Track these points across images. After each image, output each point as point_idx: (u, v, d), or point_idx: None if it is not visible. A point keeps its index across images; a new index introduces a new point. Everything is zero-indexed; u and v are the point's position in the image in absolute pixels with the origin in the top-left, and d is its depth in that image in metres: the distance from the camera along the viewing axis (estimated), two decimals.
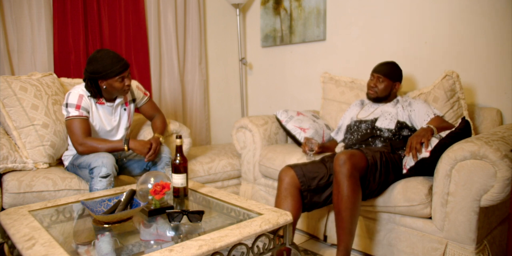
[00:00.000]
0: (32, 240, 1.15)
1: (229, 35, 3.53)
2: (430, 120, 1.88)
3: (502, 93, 2.11)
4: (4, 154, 1.90)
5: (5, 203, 1.81)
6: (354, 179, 1.62)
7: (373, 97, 2.11)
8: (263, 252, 1.30)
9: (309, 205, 1.83)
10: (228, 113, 3.61)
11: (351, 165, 1.62)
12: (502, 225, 1.78)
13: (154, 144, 2.01)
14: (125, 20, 2.84)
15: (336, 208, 1.65)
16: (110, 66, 1.89)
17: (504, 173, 1.39)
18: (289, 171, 1.83)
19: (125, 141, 1.95)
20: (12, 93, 2.04)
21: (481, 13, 2.13)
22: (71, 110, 1.94)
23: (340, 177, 1.62)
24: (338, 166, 1.63)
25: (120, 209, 1.39)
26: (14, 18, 2.39)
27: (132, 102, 2.20)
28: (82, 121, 1.94)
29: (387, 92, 2.08)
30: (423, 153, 1.63)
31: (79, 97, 1.95)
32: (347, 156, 1.64)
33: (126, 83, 1.96)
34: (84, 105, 1.96)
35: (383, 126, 1.97)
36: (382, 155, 1.75)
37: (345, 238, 1.62)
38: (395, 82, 2.07)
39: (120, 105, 2.11)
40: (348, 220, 1.61)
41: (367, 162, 1.70)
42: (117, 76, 1.91)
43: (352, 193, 1.60)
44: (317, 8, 2.89)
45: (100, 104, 2.03)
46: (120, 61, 1.92)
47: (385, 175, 1.72)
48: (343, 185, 1.61)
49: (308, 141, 2.13)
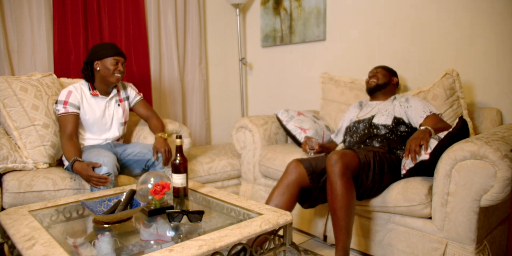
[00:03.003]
0: (32, 240, 1.15)
1: (229, 35, 3.53)
2: (426, 117, 1.88)
3: (502, 93, 2.11)
4: (4, 154, 1.90)
5: (5, 203, 1.81)
6: (346, 178, 1.63)
7: (374, 84, 2.14)
8: (263, 252, 1.30)
9: (315, 201, 1.83)
10: (228, 113, 3.61)
11: (342, 164, 1.62)
12: (502, 225, 1.78)
13: (166, 149, 2.07)
14: (125, 20, 2.84)
15: (331, 208, 1.65)
16: (109, 48, 2.06)
17: (504, 173, 1.39)
18: (298, 167, 1.81)
19: (73, 160, 1.85)
20: (13, 93, 2.04)
21: (481, 13, 2.13)
22: (60, 108, 2.03)
23: (332, 177, 1.63)
24: (330, 165, 1.64)
25: (120, 209, 1.39)
26: (14, 18, 2.39)
27: (126, 99, 2.26)
28: (67, 118, 2.01)
29: (386, 80, 2.14)
30: (423, 155, 1.62)
31: (67, 93, 2.04)
32: (338, 155, 1.65)
33: (119, 68, 2.05)
34: (72, 100, 2.03)
35: (380, 122, 1.97)
36: (376, 154, 1.76)
37: (342, 237, 1.62)
38: (392, 76, 2.17)
39: (115, 101, 2.18)
40: (343, 219, 1.62)
41: (359, 161, 1.70)
42: (111, 56, 2.03)
43: (345, 192, 1.61)
44: (317, 8, 2.89)
45: (94, 95, 2.10)
46: (118, 49, 2.09)
47: (379, 175, 1.72)
48: (336, 184, 1.62)
49: (309, 140, 2.13)
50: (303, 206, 1.89)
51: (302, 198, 1.88)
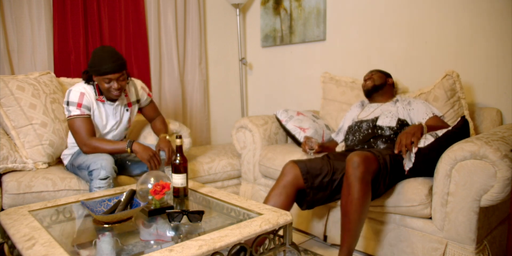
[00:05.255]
0: (32, 240, 1.15)
1: (229, 35, 3.53)
2: (428, 118, 1.89)
3: (502, 93, 2.11)
4: (4, 154, 1.90)
5: (5, 204, 1.81)
6: (366, 182, 1.59)
7: (370, 85, 2.15)
8: (263, 252, 1.30)
9: (311, 202, 1.82)
10: (228, 113, 3.61)
11: (364, 168, 1.58)
12: (502, 225, 1.78)
13: (170, 149, 1.99)
14: (125, 20, 2.84)
15: (343, 210, 1.62)
16: (99, 64, 1.83)
17: (504, 173, 1.39)
18: (294, 168, 1.81)
19: (128, 143, 1.91)
20: (9, 92, 2.03)
21: (481, 13, 2.13)
22: (73, 109, 1.90)
23: (352, 179, 1.59)
24: (352, 168, 1.59)
25: (120, 209, 1.39)
26: (14, 18, 2.39)
27: (136, 102, 2.17)
28: (84, 120, 1.90)
29: (382, 80, 2.15)
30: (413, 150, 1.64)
31: (80, 95, 1.91)
32: (361, 158, 1.60)
33: (113, 86, 1.87)
34: (86, 103, 1.92)
35: (384, 124, 1.96)
36: (391, 158, 1.73)
37: (349, 240, 1.60)
38: (387, 77, 2.19)
39: (123, 106, 2.07)
40: (355, 222, 1.59)
41: (378, 165, 1.67)
42: (101, 76, 1.84)
43: (362, 196, 1.58)
44: (317, 8, 2.89)
45: (101, 101, 1.98)
46: (112, 62, 1.83)
47: (393, 178, 1.71)
48: (354, 188, 1.58)
49: (308, 140, 2.13)
50: (302, 208, 1.89)
51: (301, 199, 1.87)
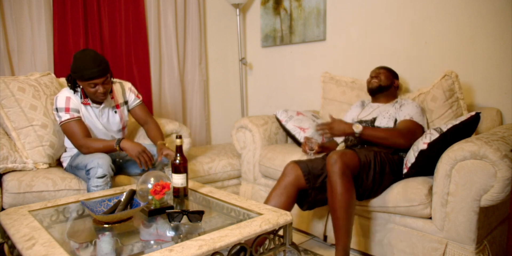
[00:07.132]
0: (32, 240, 1.15)
1: (229, 35, 3.53)
2: (403, 120, 1.90)
3: (502, 93, 2.11)
4: (4, 154, 1.90)
5: (5, 203, 1.81)
6: (346, 177, 1.63)
7: (376, 85, 2.11)
8: (263, 252, 1.30)
9: (313, 203, 1.83)
10: (228, 113, 3.61)
11: (342, 163, 1.62)
12: (502, 225, 1.78)
13: (159, 151, 1.96)
14: (125, 20, 2.84)
15: (331, 207, 1.66)
16: (82, 69, 1.81)
17: (504, 173, 1.39)
18: (295, 169, 1.83)
19: (117, 141, 1.91)
20: (10, 93, 2.03)
21: (481, 13, 2.13)
22: (62, 114, 1.93)
23: (332, 176, 1.63)
24: (330, 165, 1.64)
25: (120, 209, 1.39)
26: (14, 18, 2.39)
27: (124, 104, 2.16)
28: (76, 122, 1.93)
29: (389, 82, 2.11)
30: (421, 145, 1.65)
31: (66, 99, 1.94)
32: (338, 155, 1.65)
33: (99, 90, 1.87)
34: (73, 106, 1.94)
35: (382, 124, 1.97)
36: (377, 154, 1.76)
37: (342, 237, 1.63)
38: (394, 79, 2.15)
39: (110, 108, 2.07)
40: (343, 218, 1.62)
41: (359, 161, 1.70)
42: (86, 81, 1.84)
43: (345, 191, 1.61)
44: (317, 8, 2.89)
45: (85, 104, 1.99)
46: (95, 67, 1.81)
47: (380, 174, 1.72)
48: (336, 184, 1.62)
49: (308, 141, 2.13)
50: (302, 208, 1.89)
51: (301, 200, 1.88)
